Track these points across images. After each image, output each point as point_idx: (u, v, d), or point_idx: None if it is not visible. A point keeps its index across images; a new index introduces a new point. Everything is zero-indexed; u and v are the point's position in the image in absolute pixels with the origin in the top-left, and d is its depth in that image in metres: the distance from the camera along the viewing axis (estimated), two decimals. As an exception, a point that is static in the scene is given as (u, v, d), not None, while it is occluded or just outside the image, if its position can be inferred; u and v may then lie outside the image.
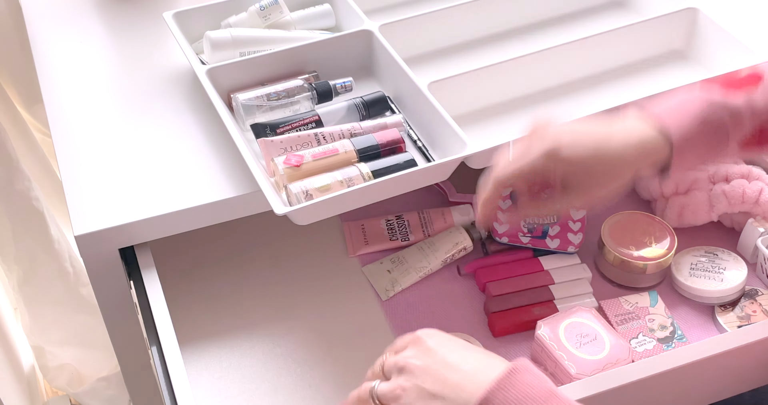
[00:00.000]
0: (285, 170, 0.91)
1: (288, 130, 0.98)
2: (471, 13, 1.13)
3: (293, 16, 1.12)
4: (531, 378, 0.65)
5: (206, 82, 1.00)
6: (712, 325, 0.99)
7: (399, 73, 1.03)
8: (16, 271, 1.43)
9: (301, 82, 1.02)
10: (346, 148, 0.95)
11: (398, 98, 1.05)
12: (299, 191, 0.89)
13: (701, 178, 1.05)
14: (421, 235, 1.09)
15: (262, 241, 1.10)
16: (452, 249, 1.06)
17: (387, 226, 1.10)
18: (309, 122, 0.99)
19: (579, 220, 1.06)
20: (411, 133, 1.00)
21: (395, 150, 0.96)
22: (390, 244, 1.09)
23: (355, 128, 0.98)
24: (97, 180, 0.96)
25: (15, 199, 1.34)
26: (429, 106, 0.98)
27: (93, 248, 0.91)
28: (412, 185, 0.93)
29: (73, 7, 1.22)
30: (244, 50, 1.07)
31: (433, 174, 0.93)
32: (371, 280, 1.05)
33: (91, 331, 1.54)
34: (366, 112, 1.02)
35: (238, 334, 1.00)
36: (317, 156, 0.93)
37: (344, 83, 1.04)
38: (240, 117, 1.00)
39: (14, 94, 1.47)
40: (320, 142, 0.96)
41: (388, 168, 0.92)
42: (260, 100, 1.00)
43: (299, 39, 1.08)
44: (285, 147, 0.95)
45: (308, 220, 0.88)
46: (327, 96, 1.03)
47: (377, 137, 0.96)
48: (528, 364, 0.67)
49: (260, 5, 1.10)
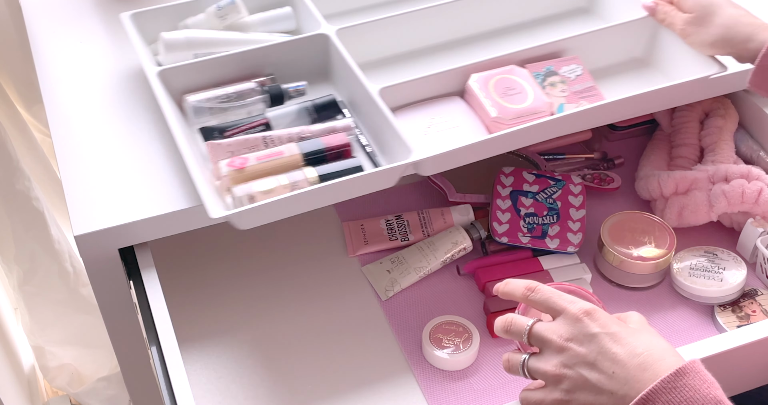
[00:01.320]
0: (229, 173, 0.90)
1: (236, 133, 0.96)
2: (431, 19, 1.11)
3: (253, 19, 1.10)
4: (699, 382, 0.63)
5: (156, 84, 0.99)
6: (712, 326, 0.99)
7: (352, 78, 1.01)
8: (16, 271, 1.43)
9: (254, 85, 1.01)
10: (292, 152, 0.93)
11: (352, 103, 1.03)
12: (242, 194, 0.87)
13: (701, 178, 1.05)
14: (421, 235, 1.09)
15: (262, 242, 1.10)
16: (452, 249, 1.06)
17: (386, 226, 1.10)
18: (257, 125, 0.97)
19: (579, 220, 1.06)
20: (361, 138, 0.99)
21: (342, 154, 0.94)
22: (390, 244, 1.09)
23: (304, 132, 0.96)
24: (97, 180, 0.96)
25: (15, 199, 1.34)
26: (378, 112, 0.96)
27: (93, 248, 0.91)
28: (358, 191, 0.91)
29: (73, 7, 1.22)
30: (198, 52, 1.05)
31: (379, 180, 0.91)
32: (371, 280, 1.05)
33: (91, 331, 1.54)
34: (316, 115, 1.00)
35: (237, 334, 1.00)
36: (262, 158, 0.92)
37: (297, 87, 1.02)
38: (190, 119, 0.99)
39: (14, 94, 1.47)
40: (268, 145, 0.95)
41: (334, 173, 0.91)
42: (211, 102, 0.98)
43: (256, 41, 1.06)
44: (232, 150, 0.93)
45: (251, 224, 0.87)
46: (279, 99, 1.01)
47: (324, 141, 0.95)
48: (698, 367, 0.65)
49: (217, 6, 1.08)
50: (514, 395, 0.93)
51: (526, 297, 0.74)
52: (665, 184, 1.07)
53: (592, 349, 0.68)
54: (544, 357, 0.71)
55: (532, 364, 0.72)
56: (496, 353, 0.98)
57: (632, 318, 0.73)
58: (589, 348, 0.68)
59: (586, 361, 0.68)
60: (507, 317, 0.75)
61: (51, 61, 1.12)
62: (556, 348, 0.70)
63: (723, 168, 1.05)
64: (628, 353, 0.67)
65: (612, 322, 0.70)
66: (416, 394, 0.94)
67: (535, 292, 0.73)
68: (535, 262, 1.05)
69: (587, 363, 0.68)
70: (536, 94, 0.97)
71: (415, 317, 1.02)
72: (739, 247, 1.06)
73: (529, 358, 0.73)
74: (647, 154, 1.16)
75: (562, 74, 0.99)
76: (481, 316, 1.01)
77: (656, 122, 1.21)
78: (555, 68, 1.00)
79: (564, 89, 0.98)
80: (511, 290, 0.76)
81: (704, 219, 1.06)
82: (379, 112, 0.96)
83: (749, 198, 1.02)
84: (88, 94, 1.07)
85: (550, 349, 0.71)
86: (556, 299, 0.72)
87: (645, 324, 0.72)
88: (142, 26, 1.08)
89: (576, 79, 0.99)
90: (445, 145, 0.91)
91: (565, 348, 0.69)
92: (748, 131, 1.15)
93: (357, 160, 0.94)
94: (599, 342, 0.68)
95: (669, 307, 1.00)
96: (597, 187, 1.14)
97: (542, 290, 0.73)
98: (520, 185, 1.09)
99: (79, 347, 1.58)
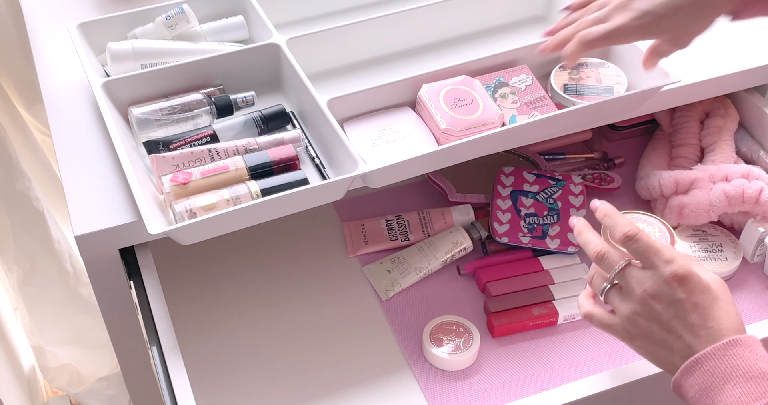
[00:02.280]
0: (171, 188, 0.88)
1: (182, 145, 0.94)
2: (383, 28, 1.08)
3: (205, 28, 1.08)
4: (748, 354, 0.68)
5: (101, 95, 0.96)
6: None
7: (302, 89, 0.98)
8: (16, 271, 1.43)
9: (200, 96, 0.98)
10: (237, 165, 0.91)
11: (302, 114, 1.01)
12: (182, 210, 0.85)
13: (701, 177, 1.05)
14: (421, 235, 1.09)
15: (262, 241, 1.10)
16: (452, 249, 1.06)
17: (387, 226, 1.10)
18: (203, 137, 0.95)
19: None
20: (310, 150, 0.97)
21: (289, 167, 0.92)
22: (390, 244, 1.09)
23: (251, 144, 0.94)
24: (97, 180, 0.96)
25: (15, 199, 1.34)
26: (327, 123, 0.94)
27: (93, 248, 0.91)
28: (303, 204, 0.89)
29: (73, 7, 1.22)
30: (145, 62, 1.02)
31: (325, 193, 0.89)
32: (371, 280, 1.05)
33: (91, 331, 1.54)
34: (265, 126, 0.98)
35: (237, 333, 1.00)
36: (206, 173, 0.89)
37: (246, 97, 0.99)
38: (134, 132, 0.97)
39: (14, 94, 1.47)
40: (214, 158, 0.92)
41: (278, 186, 0.89)
42: (156, 114, 0.96)
43: (205, 51, 1.04)
44: (177, 163, 0.91)
45: (192, 239, 0.85)
46: (228, 110, 0.99)
47: (271, 154, 0.92)
48: (752, 341, 0.69)
49: (166, 15, 1.05)
50: (514, 395, 0.93)
51: (623, 243, 0.75)
52: (666, 184, 1.07)
53: (671, 312, 0.72)
54: (624, 298, 0.75)
55: (611, 296, 0.77)
56: (497, 353, 0.98)
57: (716, 284, 0.75)
58: (668, 310, 0.72)
59: (660, 321, 0.73)
60: (604, 247, 0.77)
61: (51, 61, 1.12)
62: (638, 298, 0.74)
63: (723, 168, 1.05)
64: (700, 324, 0.71)
65: (698, 290, 0.72)
66: (416, 394, 0.94)
67: (634, 242, 0.74)
68: (535, 262, 1.05)
69: (661, 322, 0.73)
70: (487, 105, 0.96)
71: (415, 317, 1.01)
72: (740, 247, 1.06)
73: (609, 289, 0.77)
74: (647, 154, 1.16)
75: (513, 85, 0.99)
76: (481, 316, 1.01)
77: (656, 122, 1.21)
78: (505, 79, 0.99)
79: (515, 100, 0.97)
80: (611, 227, 0.77)
81: (705, 219, 1.06)
82: (328, 124, 0.93)
83: (750, 198, 1.02)
84: (88, 94, 1.07)
85: (632, 297, 0.74)
86: (652, 255, 0.74)
87: (726, 291, 0.74)
88: (90, 36, 1.05)
89: (526, 90, 0.98)
90: (394, 156, 0.90)
91: (647, 302, 0.73)
92: (748, 131, 1.15)
93: (302, 172, 0.91)
94: (680, 308, 0.72)
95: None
96: (597, 187, 1.14)
97: (641, 241, 0.74)
98: (521, 185, 1.09)
99: (79, 347, 1.58)
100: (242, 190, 0.88)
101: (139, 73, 1.00)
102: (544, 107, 0.97)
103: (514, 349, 0.98)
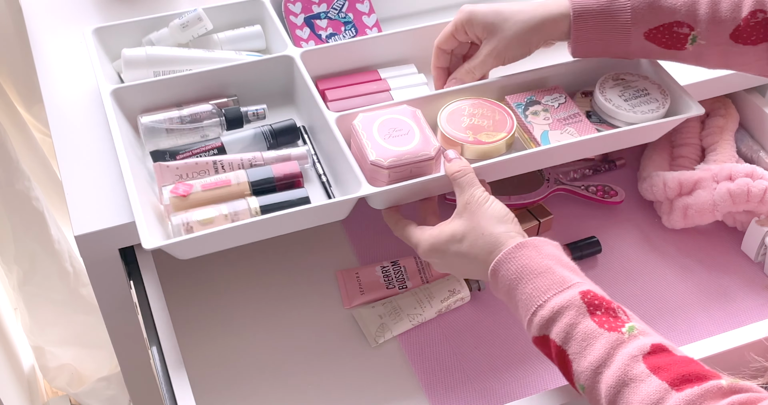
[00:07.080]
0: (171, 200, 0.87)
1: (188, 156, 0.93)
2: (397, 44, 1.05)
3: (222, 37, 1.06)
4: (534, 253, 0.76)
5: (109, 102, 0.95)
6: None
7: (312, 103, 0.96)
8: (16, 271, 1.43)
9: (210, 107, 0.97)
10: (240, 180, 0.89)
11: (312, 129, 0.99)
12: (179, 223, 0.84)
13: (705, 177, 1.05)
14: (419, 281, 1.04)
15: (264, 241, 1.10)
16: (448, 297, 1.01)
17: (383, 273, 1.05)
18: (210, 149, 0.93)
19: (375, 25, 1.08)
20: (318, 167, 0.95)
21: (293, 184, 0.90)
22: (387, 293, 1.03)
23: (257, 158, 0.92)
24: (97, 180, 0.96)
25: (15, 199, 1.34)
26: (334, 141, 0.91)
27: (93, 248, 0.91)
28: (303, 224, 0.87)
29: (73, 7, 1.21)
30: (159, 70, 1.01)
31: (327, 213, 0.87)
32: (361, 325, 1.00)
33: (91, 331, 1.54)
34: (274, 140, 0.96)
35: (237, 333, 1.00)
36: (207, 186, 0.88)
37: (257, 110, 0.98)
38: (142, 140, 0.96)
39: (14, 94, 1.47)
40: (218, 170, 0.91)
41: (279, 204, 0.87)
42: (165, 123, 0.94)
43: (218, 60, 1.02)
44: (180, 174, 0.90)
45: (188, 254, 0.83)
46: (237, 123, 0.97)
47: (274, 170, 0.90)
48: (537, 242, 0.77)
49: (180, 18, 1.04)
50: (514, 395, 0.93)
51: None
52: (670, 186, 1.06)
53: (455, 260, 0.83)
54: None
55: None
56: (497, 354, 0.98)
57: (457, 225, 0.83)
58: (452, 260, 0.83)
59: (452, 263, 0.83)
60: None
61: (51, 61, 1.12)
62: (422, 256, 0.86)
63: (727, 167, 1.05)
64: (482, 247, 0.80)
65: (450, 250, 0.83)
66: (416, 394, 0.94)
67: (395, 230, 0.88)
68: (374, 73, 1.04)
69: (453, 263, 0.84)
70: (424, 136, 0.90)
71: (415, 317, 1.01)
72: (744, 246, 1.06)
73: None
74: (648, 154, 1.16)
75: (545, 103, 0.95)
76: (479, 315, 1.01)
77: (657, 122, 1.21)
78: (537, 98, 0.96)
79: (547, 117, 0.93)
80: None
81: (709, 219, 1.05)
82: (335, 141, 0.91)
83: (755, 196, 1.02)
84: (88, 94, 1.07)
85: None
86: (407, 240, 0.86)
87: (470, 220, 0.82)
88: (105, 42, 1.05)
89: (559, 107, 0.95)
90: None
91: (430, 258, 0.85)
92: (748, 131, 1.15)
93: (304, 191, 0.89)
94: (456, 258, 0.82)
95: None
96: (600, 200, 1.13)
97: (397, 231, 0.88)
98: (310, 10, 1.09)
99: (79, 347, 1.58)
100: (242, 205, 0.86)
101: (149, 82, 0.98)
102: (578, 124, 0.94)
103: (515, 349, 0.98)
